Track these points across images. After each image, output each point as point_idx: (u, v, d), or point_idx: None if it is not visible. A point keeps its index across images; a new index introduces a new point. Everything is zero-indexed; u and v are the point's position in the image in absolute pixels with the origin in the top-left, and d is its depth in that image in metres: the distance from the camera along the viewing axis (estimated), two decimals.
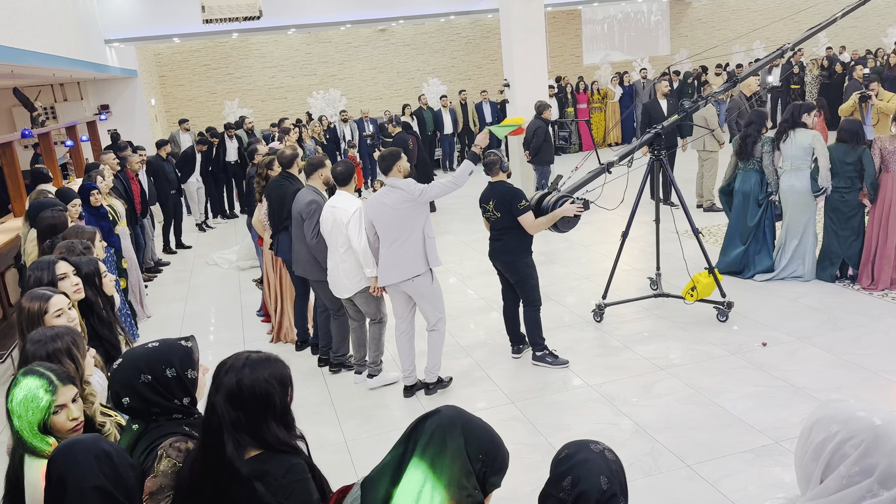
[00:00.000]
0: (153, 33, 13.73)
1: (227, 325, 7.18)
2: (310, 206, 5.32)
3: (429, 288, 4.95)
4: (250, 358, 1.98)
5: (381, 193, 4.91)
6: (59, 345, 2.41)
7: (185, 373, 2.08)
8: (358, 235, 4.94)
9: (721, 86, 6.89)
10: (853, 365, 5.01)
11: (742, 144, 6.87)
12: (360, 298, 5.21)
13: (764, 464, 3.95)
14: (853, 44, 20.54)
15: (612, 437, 4.38)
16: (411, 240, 4.81)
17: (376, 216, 4.88)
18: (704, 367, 5.20)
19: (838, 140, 6.42)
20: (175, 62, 17.23)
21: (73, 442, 1.83)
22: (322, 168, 5.52)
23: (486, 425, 1.74)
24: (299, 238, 5.50)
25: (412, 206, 4.80)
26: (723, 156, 9.85)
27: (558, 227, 5.36)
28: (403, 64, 18.61)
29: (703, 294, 5.98)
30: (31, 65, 7.85)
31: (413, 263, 4.83)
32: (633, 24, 20.21)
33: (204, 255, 10.04)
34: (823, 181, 6.37)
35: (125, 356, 2.08)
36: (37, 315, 2.80)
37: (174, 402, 2.05)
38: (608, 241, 8.41)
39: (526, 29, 11.00)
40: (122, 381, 2.03)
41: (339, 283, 5.20)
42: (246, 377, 1.92)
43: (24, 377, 2.12)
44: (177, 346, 2.11)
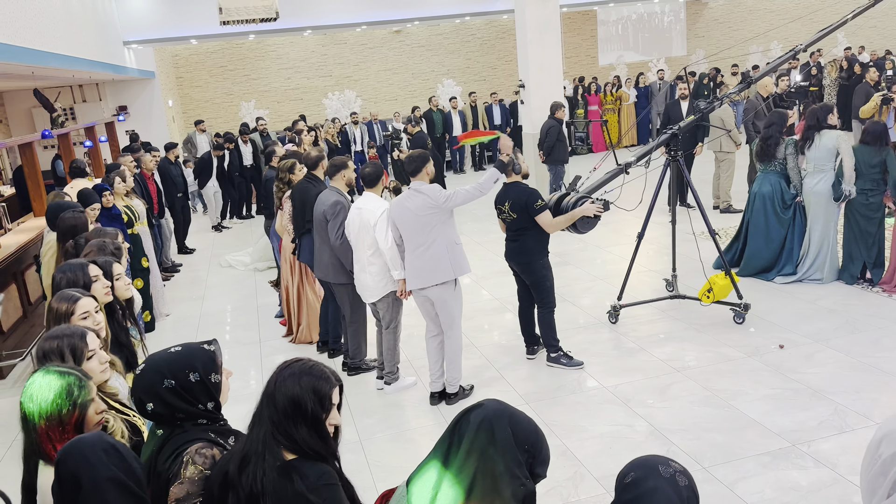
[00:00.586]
0: (171, 35, 13.86)
1: (244, 324, 7.23)
2: (335, 206, 5.25)
3: (450, 296, 4.86)
4: (297, 366, 1.99)
5: (405, 197, 4.83)
6: (53, 345, 2.41)
7: (209, 377, 2.06)
8: (385, 236, 4.87)
9: (735, 86, 6.84)
10: (872, 368, 4.96)
11: (763, 146, 6.80)
12: (384, 303, 5.14)
13: (781, 467, 3.92)
14: (872, 44, 20.34)
15: (628, 438, 4.37)
16: (434, 246, 4.72)
17: (399, 219, 4.82)
18: (721, 369, 5.17)
19: (862, 142, 6.35)
20: (192, 64, 17.37)
21: (77, 440, 1.84)
22: (345, 169, 5.44)
23: (529, 417, 1.76)
24: (322, 240, 5.42)
25: (435, 212, 4.71)
26: (740, 157, 9.80)
27: (577, 228, 5.34)
28: (418, 65, 18.65)
29: (719, 296, 5.95)
30: (51, 66, 7.95)
31: (436, 271, 4.74)
32: (648, 24, 20.13)
33: (219, 256, 10.11)
34: (847, 184, 6.29)
35: (147, 362, 2.07)
36: (63, 316, 2.81)
37: (198, 406, 2.04)
38: (623, 242, 8.38)
39: (541, 29, 10.99)
40: (146, 387, 2.02)
41: (365, 286, 5.12)
42: (285, 381, 1.95)
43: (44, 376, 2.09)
44: (199, 350, 2.10)
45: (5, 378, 6.32)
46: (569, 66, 18.95)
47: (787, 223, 6.77)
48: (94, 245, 3.99)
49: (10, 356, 6.35)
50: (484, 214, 10.24)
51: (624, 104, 16.79)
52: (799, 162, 6.65)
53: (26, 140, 8.26)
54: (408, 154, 4.98)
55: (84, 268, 3.31)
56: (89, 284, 3.25)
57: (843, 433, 4.19)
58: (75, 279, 3.26)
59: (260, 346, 6.55)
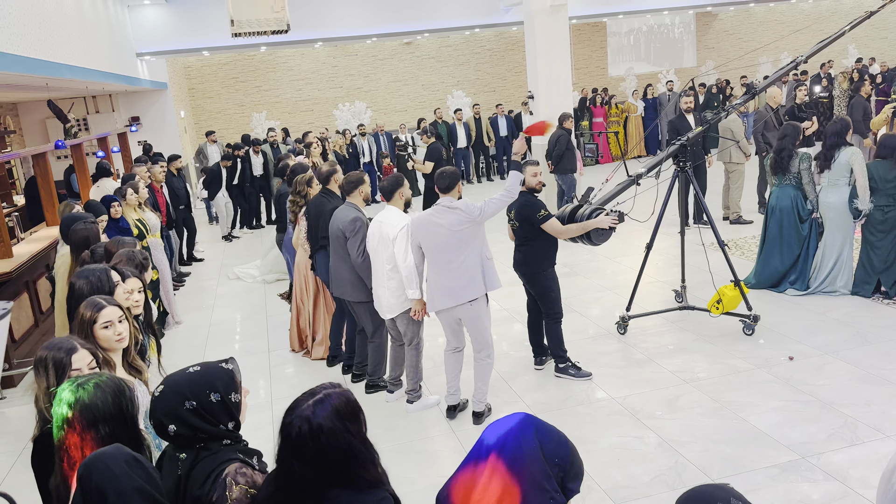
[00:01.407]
0: (183, 47, 14.01)
1: (253, 334, 7.26)
2: (354, 223, 5.10)
3: (483, 313, 4.71)
4: (330, 414, 1.85)
5: (434, 213, 4.64)
6: (42, 355, 2.44)
7: (229, 396, 2.02)
8: (404, 253, 4.72)
9: (740, 97, 6.84)
10: (882, 380, 4.92)
11: (777, 159, 6.73)
12: (403, 319, 5.00)
13: (790, 479, 3.90)
14: (883, 55, 20.29)
15: (636, 450, 4.35)
16: (468, 262, 4.58)
17: (426, 237, 4.65)
18: (730, 380, 5.15)
19: (877, 156, 6.30)
20: (204, 75, 17.54)
21: (97, 454, 1.83)
22: (362, 185, 5.28)
23: (559, 431, 1.73)
24: (339, 257, 5.27)
25: (472, 227, 4.58)
26: (749, 168, 9.78)
27: (591, 240, 5.33)
28: (428, 76, 18.75)
29: (728, 307, 5.93)
30: (65, 78, 8.05)
31: (469, 287, 4.59)
32: (658, 35, 20.16)
33: (229, 266, 10.16)
34: (863, 203, 6.24)
35: (166, 383, 2.02)
36: (88, 323, 2.81)
37: (220, 427, 2.00)
38: (632, 253, 8.37)
39: (550, 41, 11.03)
40: (167, 409, 1.97)
41: (382, 301, 4.99)
42: (330, 433, 1.80)
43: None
44: (218, 369, 2.07)
45: (16, 386, 6.37)
46: (578, 77, 19.00)
47: (803, 238, 6.69)
48: (124, 255, 3.98)
49: (21, 364, 6.40)
50: (493, 224, 10.25)
51: (631, 116, 16.76)
52: (815, 177, 6.60)
53: (40, 150, 8.36)
54: (440, 171, 4.75)
55: (107, 272, 3.31)
56: (113, 289, 3.25)
57: (853, 446, 4.16)
58: (100, 285, 3.23)
59: (269, 356, 6.57)
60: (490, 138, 15.68)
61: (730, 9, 19.56)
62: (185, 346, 7.07)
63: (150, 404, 2.01)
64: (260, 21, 9.17)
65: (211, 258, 10.93)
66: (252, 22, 9.17)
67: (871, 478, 3.83)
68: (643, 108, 16.85)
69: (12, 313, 6.25)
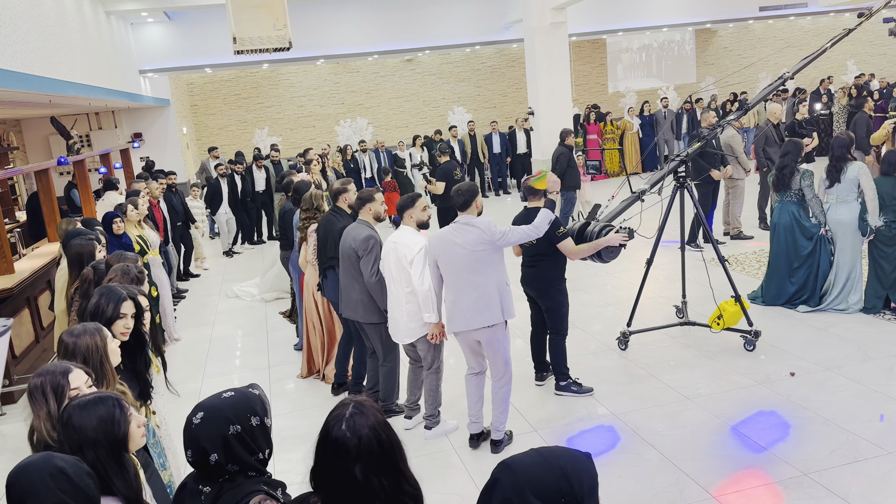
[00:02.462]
0: (186, 64, 14.11)
1: (254, 349, 7.25)
2: (367, 242, 4.89)
3: (503, 339, 4.53)
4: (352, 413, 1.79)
5: (451, 231, 4.47)
6: (37, 382, 2.43)
7: (265, 420, 1.97)
8: (420, 276, 4.55)
9: (734, 113, 6.86)
10: (884, 396, 4.90)
11: (779, 175, 6.72)
12: (423, 343, 4.80)
13: (792, 496, 3.87)
14: (882, 71, 20.38)
15: (637, 466, 4.33)
16: (484, 285, 4.39)
17: (443, 255, 4.47)
18: (731, 396, 5.13)
19: (883, 173, 6.29)
20: (207, 91, 17.64)
21: (25, 465, 1.80)
22: (371, 202, 5.07)
23: (548, 464, 1.59)
24: (351, 277, 5.06)
25: (490, 249, 4.40)
26: (749, 183, 9.79)
27: (602, 257, 5.30)
28: (430, 93, 18.85)
29: (729, 322, 5.92)
30: (68, 95, 8.10)
31: (485, 312, 4.40)
32: (658, 52, 20.27)
33: (230, 282, 10.17)
34: (872, 218, 6.22)
35: (205, 409, 1.93)
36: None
37: (258, 455, 1.93)
38: (633, 269, 8.37)
39: (550, 58, 11.11)
40: (212, 435, 1.87)
41: (400, 326, 4.79)
42: (378, 433, 1.75)
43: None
44: (251, 394, 2.00)
45: (16, 402, 6.36)
46: (578, 93, 19.09)
47: (807, 254, 6.65)
48: (118, 269, 3.94)
49: (22, 380, 6.39)
50: None
51: (628, 133, 16.73)
52: (820, 193, 6.58)
53: (42, 167, 8.40)
54: (456, 187, 4.58)
55: (120, 301, 3.21)
56: (115, 319, 3.21)
57: (855, 462, 4.14)
58: (105, 308, 3.17)
59: (269, 372, 6.56)
60: (484, 155, 15.71)
61: (729, 25, 19.68)
62: (185, 363, 7.06)
63: (189, 432, 1.91)
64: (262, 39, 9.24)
65: (212, 274, 10.94)
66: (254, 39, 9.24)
67: (873, 494, 3.81)
68: (639, 125, 16.85)
69: (13, 329, 6.25)
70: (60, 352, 2.82)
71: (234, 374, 6.67)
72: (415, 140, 15.33)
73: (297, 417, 5.51)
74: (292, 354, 6.91)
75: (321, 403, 5.74)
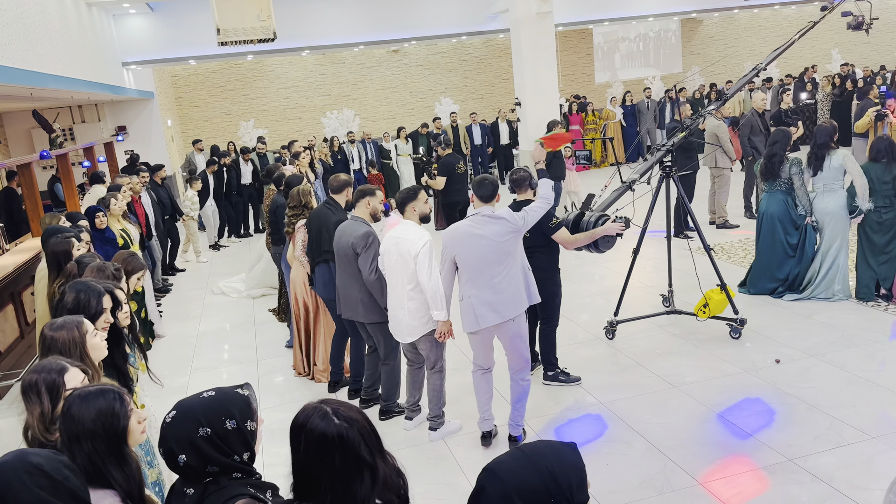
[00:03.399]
0: (169, 56, 13.97)
1: (241, 343, 7.23)
2: (365, 238, 4.73)
3: (525, 329, 4.45)
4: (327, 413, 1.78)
5: (474, 224, 4.32)
6: (32, 379, 2.40)
7: (245, 424, 1.88)
8: (428, 271, 4.35)
9: (713, 104, 6.89)
10: (868, 382, 4.96)
11: (767, 164, 6.74)
12: (426, 342, 4.64)
13: (778, 482, 3.92)
14: (866, 60, 20.50)
15: (625, 454, 4.37)
16: (511, 275, 4.29)
17: (465, 250, 4.31)
18: (717, 384, 5.18)
19: (871, 159, 6.33)
20: (191, 84, 17.49)
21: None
22: (370, 197, 4.90)
23: (534, 465, 1.55)
24: (349, 275, 4.88)
25: (515, 237, 4.34)
26: (735, 172, 9.84)
27: (598, 247, 5.32)
28: (416, 84, 18.78)
29: (715, 311, 5.96)
30: (50, 88, 8.01)
31: (513, 302, 4.29)
32: (644, 42, 20.30)
33: (217, 275, 10.12)
34: (862, 202, 6.26)
35: (179, 408, 1.88)
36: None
37: (234, 458, 1.86)
38: (620, 258, 8.40)
39: (536, 49, 11.09)
40: (179, 436, 1.82)
41: (401, 324, 4.61)
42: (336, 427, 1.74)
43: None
44: (234, 394, 1.92)
45: (2, 399, 6.31)
46: (565, 83, 19.09)
47: (795, 243, 6.68)
48: (95, 267, 3.91)
49: (7, 377, 6.34)
50: None
51: (610, 123, 16.72)
52: (806, 182, 6.61)
53: (24, 161, 8.31)
54: (480, 178, 4.48)
55: (100, 297, 3.19)
56: (98, 314, 3.18)
57: (839, 447, 4.19)
58: (87, 303, 3.15)
59: (257, 365, 6.54)
60: (466, 147, 15.69)
61: (714, 15, 19.72)
62: (173, 357, 7.03)
63: (161, 430, 1.88)
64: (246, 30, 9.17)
65: (199, 267, 10.88)
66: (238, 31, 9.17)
67: (857, 479, 3.86)
68: (622, 114, 16.85)
69: None
70: (40, 345, 2.80)
71: (222, 367, 6.65)
72: (399, 132, 15.28)
73: (286, 411, 5.50)
74: (281, 347, 6.90)
75: (311, 396, 5.73)
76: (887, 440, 4.21)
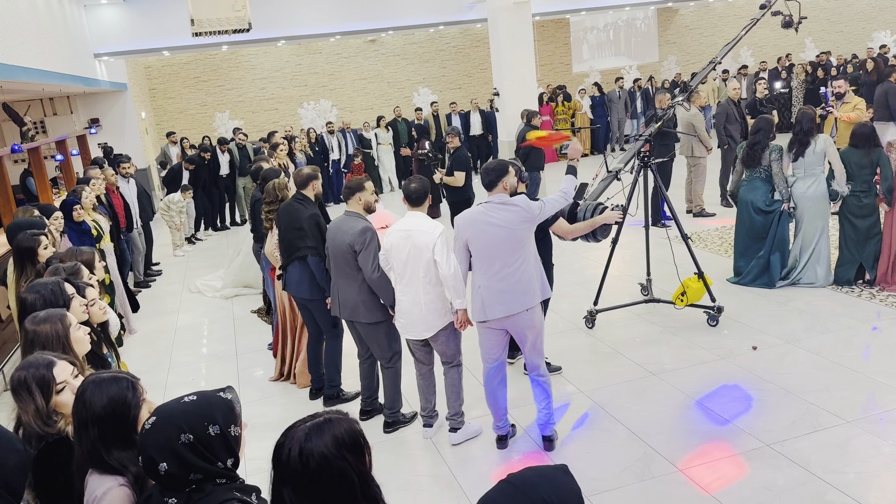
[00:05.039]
0: (142, 47, 13.75)
1: (220, 337, 7.17)
2: (364, 234, 4.48)
3: (541, 322, 4.30)
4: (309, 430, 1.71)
5: (486, 211, 4.19)
6: (21, 375, 2.39)
7: (229, 429, 1.82)
8: (447, 261, 4.19)
9: (679, 95, 6.93)
10: (842, 367, 5.05)
11: (749, 151, 6.75)
12: (442, 337, 4.43)
13: (756, 467, 3.98)
14: (839, 48, 20.75)
15: (605, 442, 4.40)
16: (525, 265, 4.15)
17: (477, 237, 4.17)
18: (695, 371, 5.23)
19: (851, 145, 6.38)
20: (165, 75, 17.26)
21: None
22: (361, 192, 4.64)
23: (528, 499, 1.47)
24: (346, 276, 4.61)
25: (529, 226, 4.20)
26: (711, 161, 9.93)
27: (596, 236, 5.35)
28: (394, 74, 18.69)
29: (693, 299, 6.02)
30: (20, 80, 7.85)
31: (527, 293, 4.15)
32: (621, 31, 20.36)
33: (193, 268, 10.02)
34: (840, 186, 6.32)
35: (158, 414, 1.81)
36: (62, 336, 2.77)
37: (217, 464, 1.79)
38: (599, 248, 8.45)
39: (514, 38, 11.08)
40: (160, 444, 1.75)
41: (417, 320, 4.37)
42: (312, 458, 1.66)
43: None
44: (216, 399, 1.85)
45: None
46: (543, 73, 19.10)
47: (771, 229, 6.66)
48: (51, 271, 3.83)
49: None
50: None
51: (578, 113, 16.71)
52: (785, 167, 6.63)
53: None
54: (484, 165, 4.32)
55: (59, 285, 3.21)
56: (68, 303, 3.15)
57: (815, 432, 4.26)
58: (53, 299, 3.12)
59: (237, 360, 6.50)
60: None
61: (690, 4, 19.83)
62: (148, 353, 6.96)
63: (140, 438, 1.82)
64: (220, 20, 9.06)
65: (176, 261, 10.76)
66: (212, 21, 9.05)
67: (832, 463, 3.93)
68: (589, 105, 16.82)
69: None
70: (22, 339, 2.78)
71: (201, 362, 6.59)
72: (379, 121, 15.21)
73: (266, 405, 5.48)
74: (260, 342, 6.86)
75: (290, 390, 5.71)
76: (862, 424, 4.29)
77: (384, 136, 15.08)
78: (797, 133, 6.60)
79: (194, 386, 6.04)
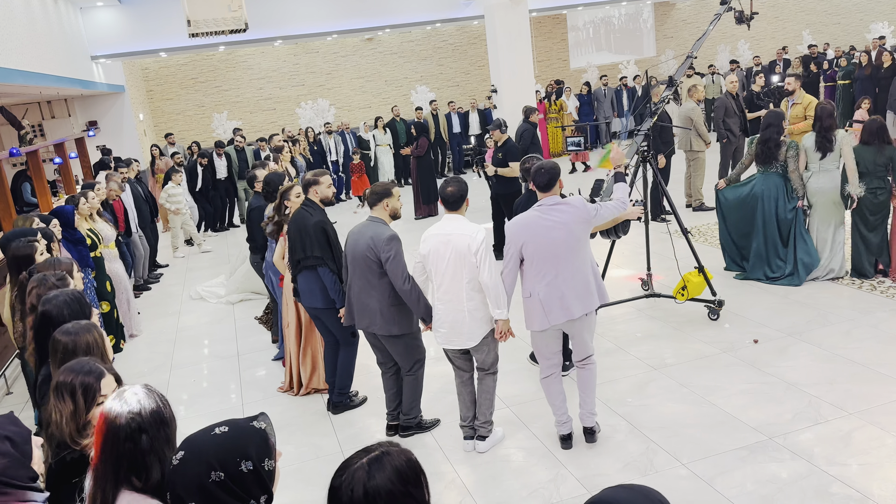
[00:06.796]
0: (139, 48, 13.74)
1: (222, 338, 7.17)
2: (391, 242, 4.27)
3: (594, 323, 4.27)
4: (368, 468, 1.56)
5: (539, 214, 4.08)
6: (67, 378, 2.36)
7: (262, 464, 1.68)
8: (489, 267, 4.02)
9: (666, 90, 6.90)
10: (843, 359, 5.05)
11: (763, 148, 6.58)
12: (485, 345, 4.26)
13: (759, 460, 3.98)
14: (836, 40, 20.73)
15: (608, 438, 4.41)
16: (583, 268, 4.08)
17: (534, 240, 4.05)
18: (697, 365, 5.24)
19: (862, 142, 6.31)
20: (162, 76, 17.23)
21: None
22: (388, 198, 4.43)
23: (649, 499, 1.45)
24: (367, 284, 4.42)
25: (586, 227, 4.12)
26: (710, 155, 9.92)
27: (617, 232, 5.41)
28: (391, 72, 18.66)
29: (693, 293, 6.02)
30: (17, 83, 7.84)
31: (585, 297, 4.08)
32: (618, 26, 20.34)
33: (194, 270, 10.02)
34: (852, 187, 6.22)
35: (187, 448, 1.67)
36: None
37: (250, 502, 1.66)
38: (599, 242, 8.44)
39: (511, 35, 11.08)
40: (188, 482, 1.62)
41: (461, 328, 4.18)
42: (380, 498, 1.53)
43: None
44: (250, 429, 1.71)
45: None
46: (540, 69, 19.08)
47: (787, 227, 6.59)
48: (37, 280, 3.77)
49: None
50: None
51: (563, 113, 16.58)
52: (800, 165, 6.53)
53: None
54: (538, 165, 4.20)
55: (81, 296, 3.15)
56: (90, 313, 3.11)
57: (817, 424, 4.26)
58: (80, 309, 3.08)
59: (238, 360, 6.50)
60: (444, 133, 15.64)
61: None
62: (149, 356, 6.96)
63: (168, 475, 1.69)
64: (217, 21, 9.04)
65: (177, 263, 10.76)
66: (209, 22, 9.04)
67: (836, 455, 3.93)
68: (575, 106, 16.55)
69: None
70: (59, 351, 2.70)
71: (203, 363, 6.59)
72: (376, 122, 15.20)
73: (269, 405, 5.48)
74: (262, 341, 6.86)
75: (296, 398, 5.71)
76: (864, 416, 4.29)
77: (382, 137, 15.06)
78: (820, 130, 6.45)
79: (195, 386, 6.05)
